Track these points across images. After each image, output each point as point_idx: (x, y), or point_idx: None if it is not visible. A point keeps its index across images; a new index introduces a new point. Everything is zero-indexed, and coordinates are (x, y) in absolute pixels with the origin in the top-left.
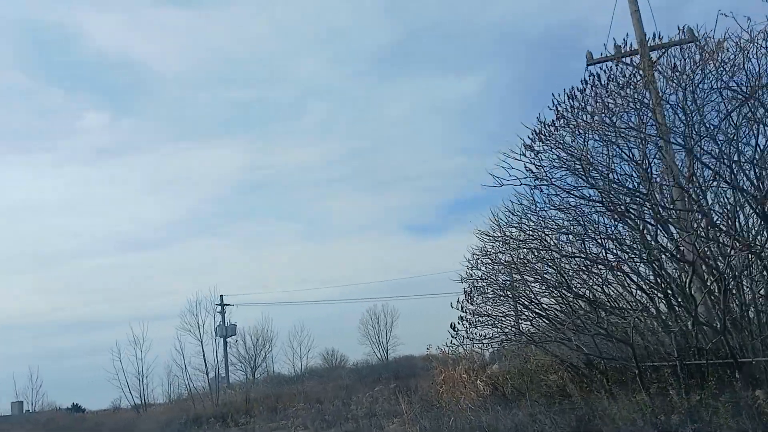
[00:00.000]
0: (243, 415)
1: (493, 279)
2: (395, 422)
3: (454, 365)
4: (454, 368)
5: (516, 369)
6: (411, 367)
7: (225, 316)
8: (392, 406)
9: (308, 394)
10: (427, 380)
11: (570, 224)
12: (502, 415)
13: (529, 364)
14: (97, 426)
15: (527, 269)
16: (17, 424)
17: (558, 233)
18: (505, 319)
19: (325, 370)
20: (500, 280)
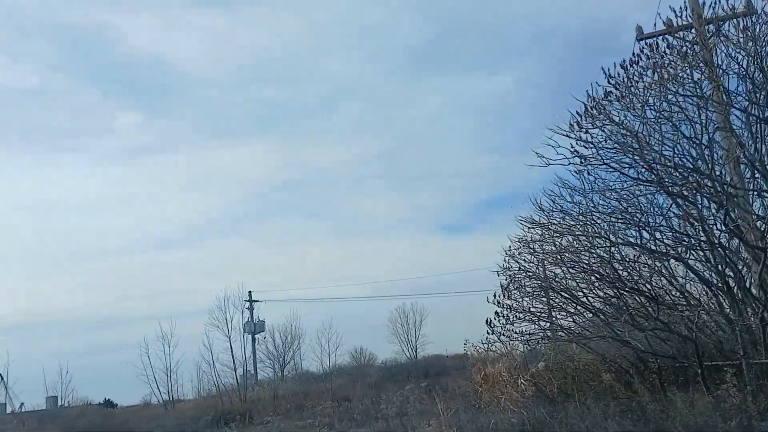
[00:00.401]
0: (270, 412)
1: (534, 271)
2: (431, 424)
3: (494, 363)
4: (494, 366)
5: (563, 368)
6: (440, 366)
7: (253, 313)
8: (424, 406)
9: (336, 392)
10: (460, 379)
11: (622, 209)
12: (548, 417)
13: (572, 362)
14: (123, 422)
15: (573, 259)
16: (48, 419)
17: (609, 218)
18: (545, 314)
19: (354, 368)
20: (542, 272)
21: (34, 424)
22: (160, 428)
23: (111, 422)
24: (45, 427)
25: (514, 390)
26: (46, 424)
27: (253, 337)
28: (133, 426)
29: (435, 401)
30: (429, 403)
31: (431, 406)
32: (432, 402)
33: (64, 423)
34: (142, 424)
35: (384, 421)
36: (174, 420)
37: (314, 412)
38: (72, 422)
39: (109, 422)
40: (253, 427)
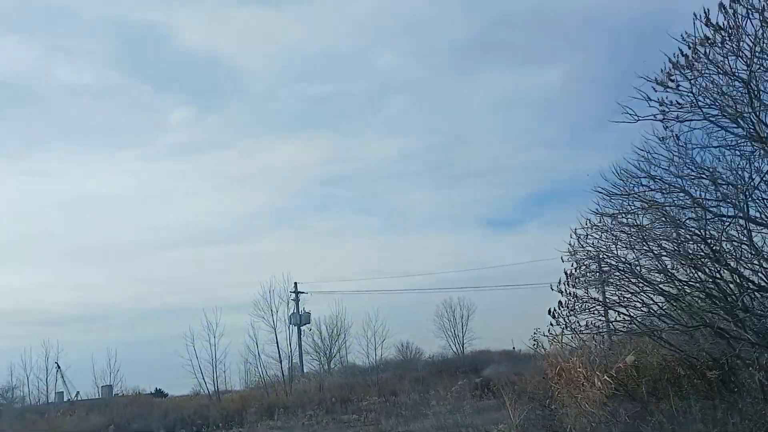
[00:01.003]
0: (315, 405)
1: (607, 253)
2: (500, 429)
3: (567, 358)
4: (568, 360)
5: (655, 363)
6: (488, 362)
7: (299, 304)
8: (478, 402)
9: (383, 386)
10: (511, 375)
11: (722, 175)
12: (638, 420)
13: (650, 357)
14: (167, 411)
15: (657, 236)
16: (97, 407)
17: (706, 187)
18: (619, 303)
19: (400, 363)
20: (617, 254)
21: (84, 411)
22: (202, 419)
23: (156, 411)
24: (91, 415)
25: (594, 389)
26: (93, 412)
27: (298, 329)
28: (174, 416)
29: (501, 400)
30: (483, 399)
31: (485, 402)
32: (484, 398)
33: (111, 411)
34: (186, 414)
35: (435, 418)
36: (218, 411)
37: (360, 406)
38: (119, 410)
39: (155, 411)
40: (297, 419)
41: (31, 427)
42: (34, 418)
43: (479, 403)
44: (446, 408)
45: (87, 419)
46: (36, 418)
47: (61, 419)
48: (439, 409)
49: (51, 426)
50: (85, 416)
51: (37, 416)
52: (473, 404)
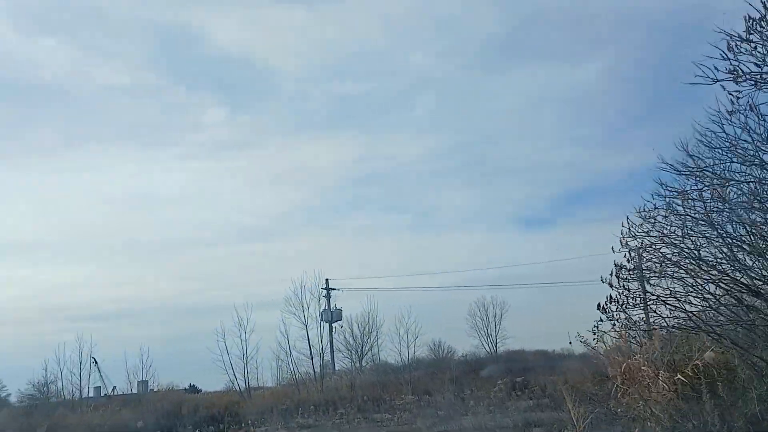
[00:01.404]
0: (347, 403)
1: (668, 240)
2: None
3: (630, 355)
4: (630, 358)
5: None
6: (523, 362)
7: (330, 301)
8: (516, 402)
9: (416, 385)
10: (549, 375)
11: None
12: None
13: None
14: (197, 407)
15: (732, 219)
16: (131, 402)
17: None
18: (675, 296)
19: (432, 361)
20: (681, 242)
21: (117, 407)
22: (232, 415)
23: (185, 407)
24: (122, 411)
25: (663, 390)
26: (124, 408)
27: (330, 326)
28: (205, 412)
29: (564, 402)
30: (520, 399)
31: (524, 402)
32: (522, 398)
33: (142, 407)
34: (216, 410)
35: (474, 417)
36: (248, 407)
37: (393, 405)
38: (150, 406)
39: (184, 407)
40: (328, 417)
41: (62, 421)
42: (65, 413)
43: (518, 404)
44: (485, 408)
45: (119, 414)
46: (67, 413)
47: (92, 414)
48: (479, 410)
49: (81, 421)
50: (117, 411)
51: (69, 411)
52: (514, 405)
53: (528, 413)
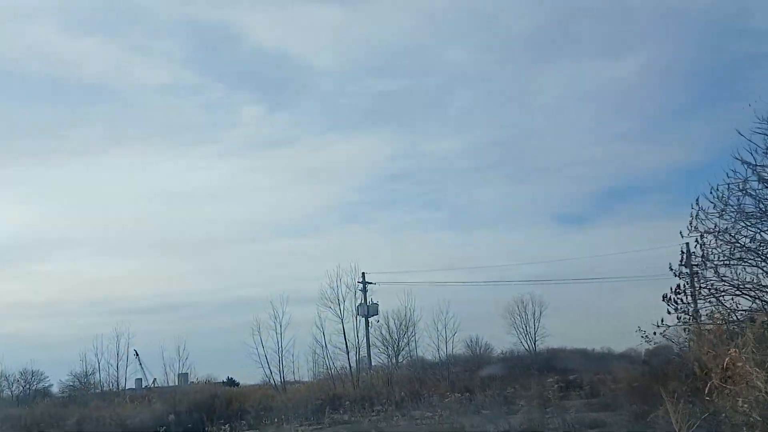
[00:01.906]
0: (384, 398)
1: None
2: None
3: (725, 350)
4: (726, 352)
5: None
6: (564, 360)
7: (367, 295)
8: (565, 401)
9: (454, 382)
10: (594, 374)
11: None
12: None
13: None
14: (229, 401)
15: None
16: (167, 394)
17: None
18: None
19: (470, 358)
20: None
21: (154, 398)
22: (265, 409)
23: (218, 401)
24: (155, 403)
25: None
26: (157, 400)
27: (366, 321)
28: (237, 406)
29: (663, 401)
30: (567, 398)
31: (570, 402)
32: (569, 396)
33: (174, 399)
34: (250, 404)
35: (525, 415)
36: (282, 401)
37: (431, 402)
38: (182, 398)
39: (217, 401)
40: (365, 413)
41: (94, 413)
42: (99, 405)
43: (567, 403)
44: (533, 406)
45: (150, 407)
46: (101, 404)
47: (125, 406)
48: (528, 409)
49: (113, 413)
50: (148, 404)
51: (104, 403)
52: (564, 404)
53: (581, 414)
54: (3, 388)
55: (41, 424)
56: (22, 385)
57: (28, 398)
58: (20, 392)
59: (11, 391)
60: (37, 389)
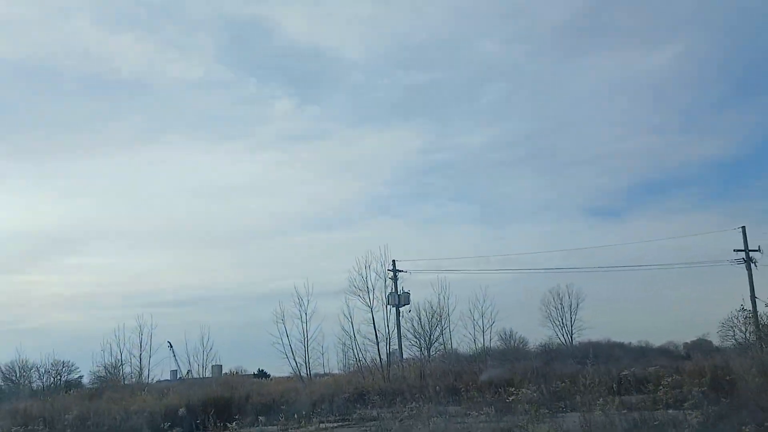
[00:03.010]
0: (417, 393)
1: None
2: None
3: None
4: None
5: None
6: (607, 354)
7: (397, 283)
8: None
9: (492, 376)
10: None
11: None
12: None
13: None
14: (248, 394)
15: None
16: (197, 383)
17: None
18: None
19: (503, 351)
20: None
21: (172, 390)
22: (287, 404)
23: (238, 393)
24: (168, 395)
25: None
26: (172, 392)
27: (397, 310)
28: (258, 399)
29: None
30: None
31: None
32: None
33: (188, 391)
34: (272, 397)
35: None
36: (306, 395)
37: (470, 397)
38: (198, 391)
39: (236, 394)
40: (396, 410)
41: (107, 405)
42: (114, 397)
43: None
44: (586, 405)
45: (162, 401)
46: (116, 396)
47: (139, 399)
48: (583, 408)
49: (122, 406)
50: (161, 397)
51: (119, 395)
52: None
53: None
54: (34, 380)
55: (38, 418)
56: (53, 376)
57: (58, 389)
58: (50, 383)
59: (42, 382)
60: (68, 380)
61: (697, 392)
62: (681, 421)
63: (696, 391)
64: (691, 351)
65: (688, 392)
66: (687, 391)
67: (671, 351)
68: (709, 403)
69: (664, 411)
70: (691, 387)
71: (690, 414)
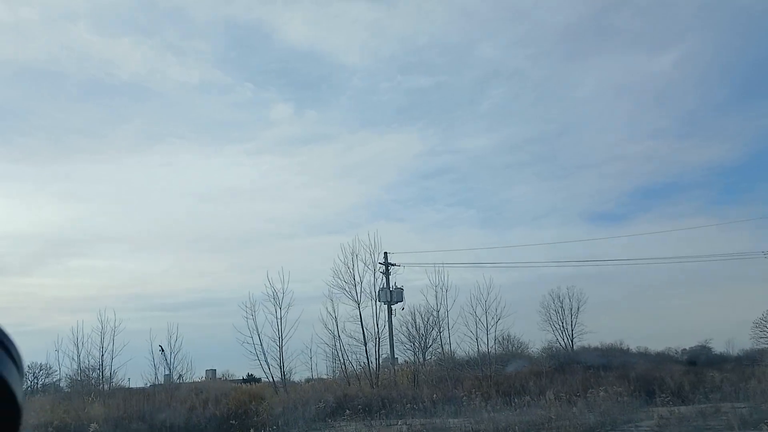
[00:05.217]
0: (408, 401)
1: None
2: None
3: None
4: None
5: None
6: (607, 359)
7: (389, 278)
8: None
9: (499, 382)
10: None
11: None
12: None
13: None
14: (214, 399)
15: None
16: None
17: None
18: None
19: (502, 355)
20: None
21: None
22: (238, 417)
23: (200, 400)
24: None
25: None
26: (131, 400)
27: (388, 308)
28: (211, 411)
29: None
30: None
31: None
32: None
33: (153, 398)
34: (225, 409)
35: None
36: (278, 403)
37: (472, 407)
38: (164, 397)
39: (200, 402)
40: (382, 422)
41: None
42: (71, 407)
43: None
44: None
45: (119, 410)
46: (73, 406)
47: (99, 408)
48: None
49: (77, 415)
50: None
51: (73, 404)
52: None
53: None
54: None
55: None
56: (29, 380)
57: (35, 392)
58: (27, 386)
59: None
60: (45, 384)
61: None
62: None
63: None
64: (693, 356)
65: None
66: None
67: (671, 356)
68: None
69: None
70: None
71: None
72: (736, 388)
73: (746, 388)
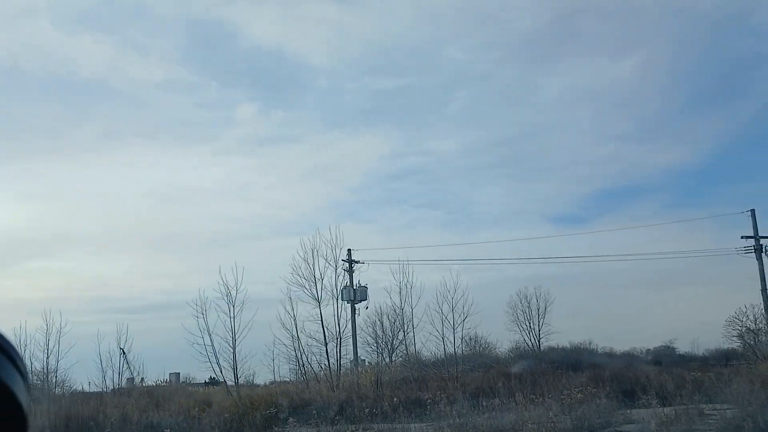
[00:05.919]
0: (370, 405)
1: None
2: None
3: None
4: None
5: None
6: (575, 359)
7: (353, 276)
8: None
9: (467, 384)
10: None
11: None
12: None
13: None
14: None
15: None
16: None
17: None
18: None
19: (468, 357)
20: None
21: None
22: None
23: (135, 407)
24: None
25: None
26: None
27: (352, 307)
28: (149, 419)
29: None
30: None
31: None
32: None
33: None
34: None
35: None
36: (209, 412)
37: (439, 412)
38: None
39: (134, 408)
40: (342, 426)
41: None
42: None
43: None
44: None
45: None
46: None
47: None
48: None
49: None
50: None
51: None
52: None
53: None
54: None
55: None
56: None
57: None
58: None
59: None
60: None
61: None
62: None
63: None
64: (658, 356)
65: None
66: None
67: (637, 356)
68: None
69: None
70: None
71: None
72: (717, 389)
73: (729, 391)
